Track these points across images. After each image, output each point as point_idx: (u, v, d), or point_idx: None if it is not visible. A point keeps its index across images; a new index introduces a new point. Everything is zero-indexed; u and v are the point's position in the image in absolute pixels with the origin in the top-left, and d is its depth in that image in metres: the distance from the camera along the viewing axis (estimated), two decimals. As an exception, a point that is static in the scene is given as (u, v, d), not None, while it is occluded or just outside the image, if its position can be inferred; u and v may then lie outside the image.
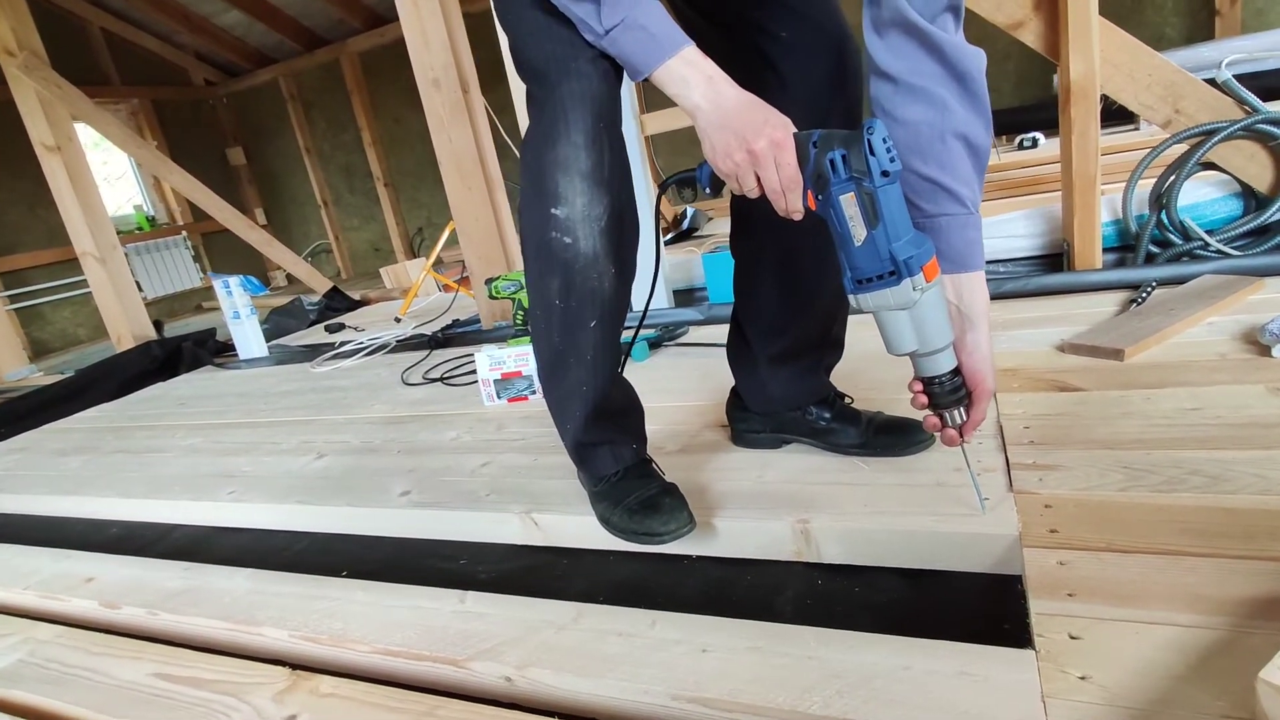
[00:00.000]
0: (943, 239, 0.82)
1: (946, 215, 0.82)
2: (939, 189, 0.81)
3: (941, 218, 0.82)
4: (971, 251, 0.83)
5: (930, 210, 0.82)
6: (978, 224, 0.83)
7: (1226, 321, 1.35)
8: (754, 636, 0.77)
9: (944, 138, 0.79)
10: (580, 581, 1.00)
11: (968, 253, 0.83)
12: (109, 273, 3.18)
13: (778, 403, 1.13)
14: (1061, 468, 0.95)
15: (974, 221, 0.83)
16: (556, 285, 0.91)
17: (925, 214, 0.82)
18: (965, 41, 0.79)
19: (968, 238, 0.83)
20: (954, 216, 0.82)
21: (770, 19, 0.94)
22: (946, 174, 0.80)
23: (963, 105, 0.79)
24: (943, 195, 0.81)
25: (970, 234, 0.83)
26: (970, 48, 0.79)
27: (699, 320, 2.07)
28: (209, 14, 5.46)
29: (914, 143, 0.80)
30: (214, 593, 1.09)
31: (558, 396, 0.99)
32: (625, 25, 0.78)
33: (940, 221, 0.82)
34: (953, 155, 0.80)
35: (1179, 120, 1.73)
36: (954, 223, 0.82)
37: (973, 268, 0.83)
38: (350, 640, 0.89)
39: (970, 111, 0.79)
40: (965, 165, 0.81)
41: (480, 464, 1.34)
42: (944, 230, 0.82)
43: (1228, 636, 0.63)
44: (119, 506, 1.56)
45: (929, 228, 0.82)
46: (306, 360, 2.65)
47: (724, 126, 0.78)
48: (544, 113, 0.87)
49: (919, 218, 0.82)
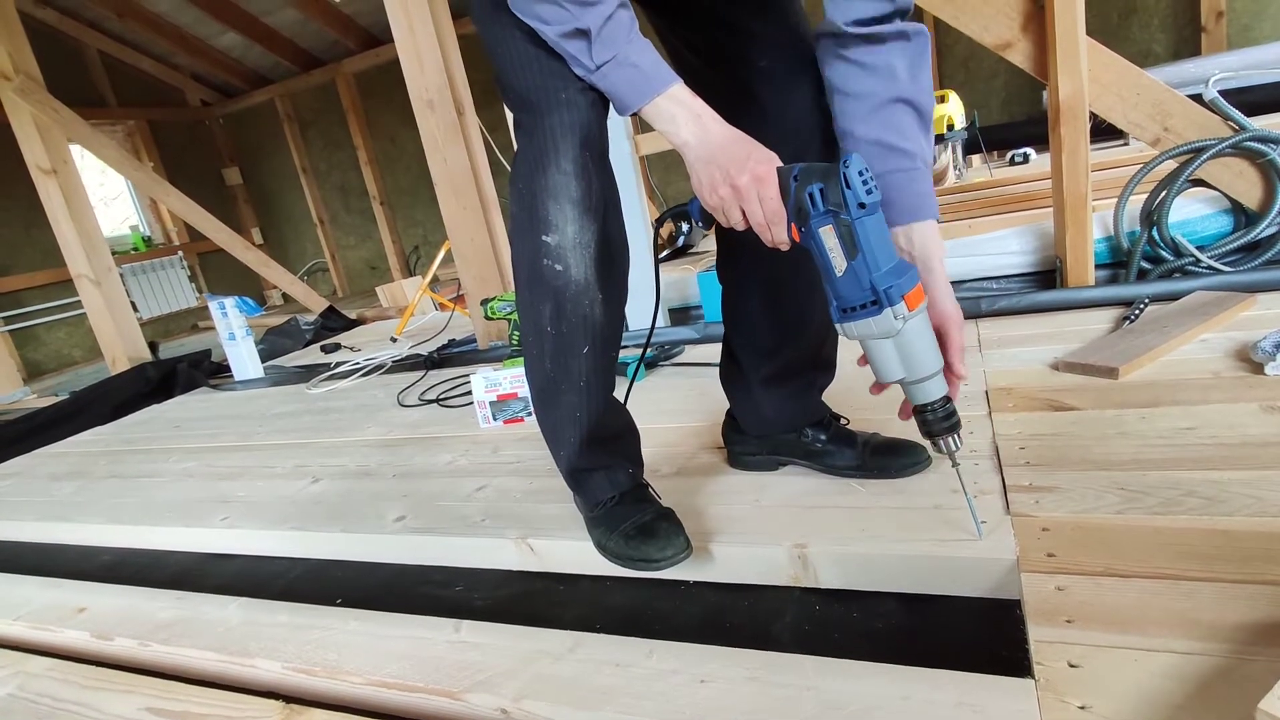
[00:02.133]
0: (893, 192, 0.85)
1: (896, 171, 0.85)
2: (886, 149, 0.84)
3: (890, 174, 0.85)
4: (922, 202, 0.86)
5: (879, 169, 0.84)
6: (926, 176, 0.86)
7: (1219, 339, 1.35)
8: (752, 666, 0.77)
9: (890, 103, 0.83)
10: (577, 608, 0.99)
11: (918, 204, 0.85)
12: (104, 295, 3.18)
13: (772, 425, 1.13)
14: (1058, 489, 0.95)
15: (922, 175, 0.85)
16: (548, 312, 0.91)
17: (876, 173, 0.84)
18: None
19: (917, 189, 0.85)
20: (903, 171, 0.85)
21: (748, 48, 0.95)
22: (891, 134, 0.84)
23: (908, 70, 0.83)
24: (890, 154, 0.84)
25: (919, 186, 0.85)
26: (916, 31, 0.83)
27: (695, 339, 2.07)
28: (206, 36, 5.49)
29: (860, 110, 0.85)
30: (207, 623, 1.08)
31: (552, 422, 0.99)
32: (616, 62, 0.79)
33: (890, 178, 0.85)
34: (899, 117, 0.83)
35: (1167, 138, 1.74)
36: (902, 177, 0.85)
37: (924, 217, 0.85)
38: (344, 672, 0.88)
39: (912, 82, 0.83)
40: (911, 126, 0.84)
41: (476, 488, 1.33)
42: (893, 185, 0.85)
43: (1226, 664, 0.63)
44: (111, 533, 1.55)
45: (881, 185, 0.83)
46: (302, 381, 2.64)
47: (710, 162, 0.79)
48: (533, 141, 0.88)
49: None
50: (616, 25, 0.78)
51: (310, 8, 5.06)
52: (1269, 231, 1.72)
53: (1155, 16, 3.86)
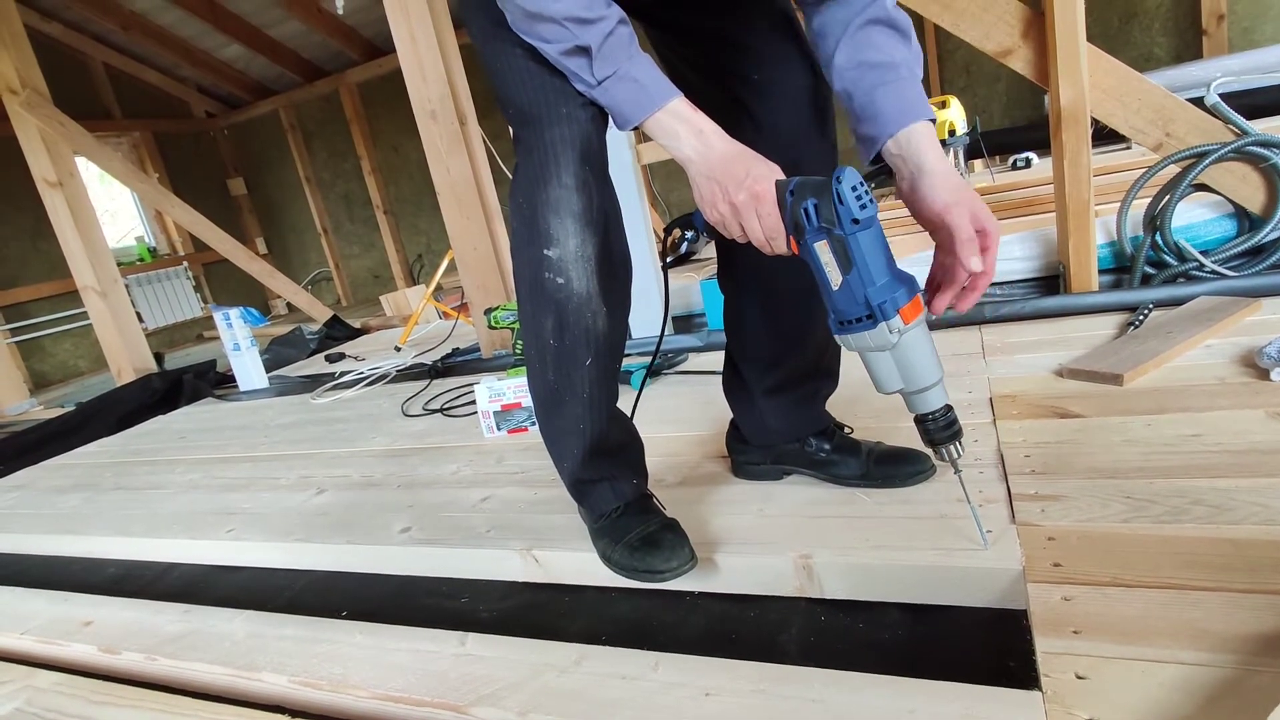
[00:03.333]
0: (878, 105, 0.83)
1: (879, 85, 0.83)
2: (866, 67, 0.84)
3: (874, 89, 0.84)
4: (909, 106, 0.83)
5: (864, 86, 0.84)
6: (912, 83, 0.84)
7: (1224, 344, 1.35)
8: (757, 679, 0.77)
9: (863, 26, 0.83)
10: (582, 619, 0.99)
11: (904, 108, 0.83)
12: (110, 306, 3.19)
13: (776, 435, 1.13)
14: (1064, 498, 0.94)
15: (906, 82, 0.83)
16: (550, 324, 0.91)
17: (861, 92, 0.84)
18: None
19: (902, 95, 0.83)
20: (886, 84, 0.83)
21: (742, 62, 0.96)
22: (869, 52, 0.83)
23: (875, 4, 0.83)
24: (870, 70, 0.83)
25: (905, 92, 0.83)
26: None
27: (698, 347, 2.07)
28: (210, 48, 5.54)
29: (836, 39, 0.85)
30: (213, 636, 1.08)
31: (555, 434, 0.99)
32: (617, 77, 0.79)
33: (874, 93, 0.83)
34: (874, 36, 0.83)
35: (1170, 143, 1.74)
36: (886, 89, 0.83)
37: (911, 120, 0.83)
38: (350, 686, 0.88)
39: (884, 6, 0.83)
40: (888, 40, 0.84)
41: (481, 498, 1.33)
42: (878, 98, 0.83)
43: (1235, 675, 0.63)
44: (118, 546, 1.55)
45: (868, 102, 0.84)
46: (307, 391, 2.65)
47: (710, 177, 0.80)
48: (533, 156, 0.88)
49: (857, 99, 0.84)
50: (617, 41, 0.79)
51: (314, 19, 5.10)
52: (1273, 236, 1.72)
53: (1156, 20, 3.87)
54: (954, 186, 0.81)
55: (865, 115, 0.85)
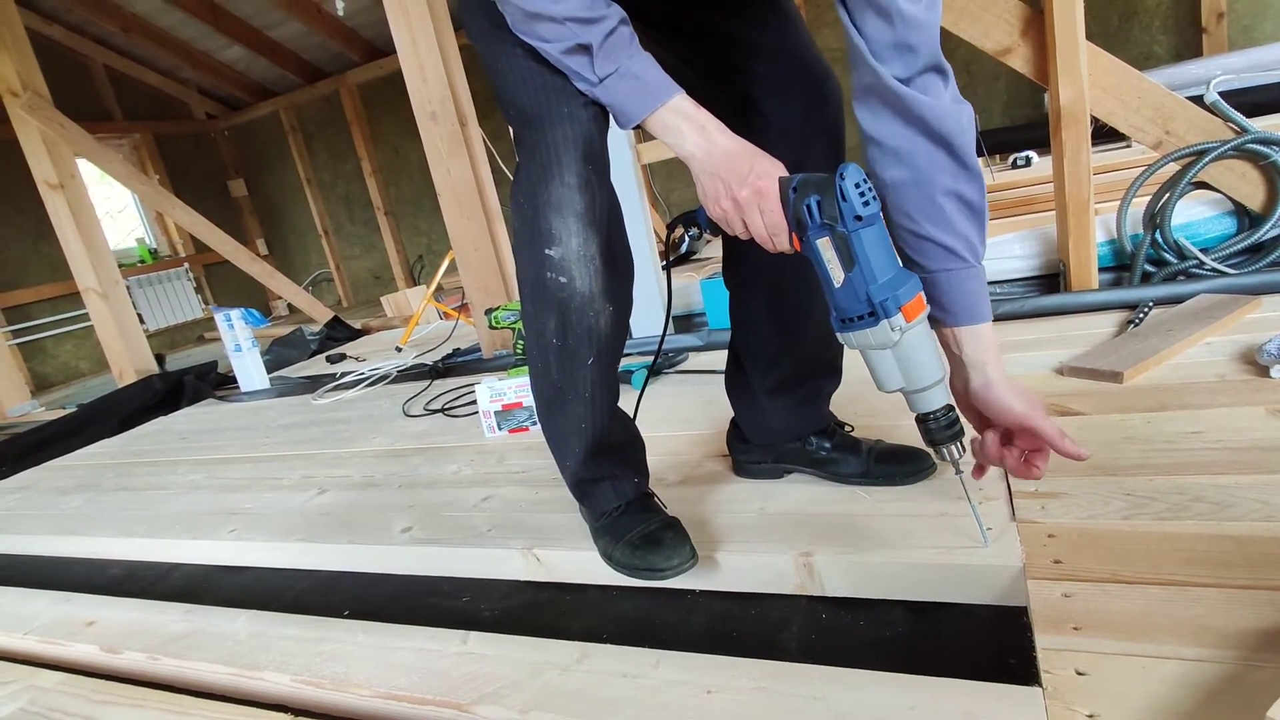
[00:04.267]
0: (943, 292, 0.83)
1: (946, 270, 0.82)
2: (933, 244, 0.82)
3: (941, 273, 0.83)
4: (973, 303, 0.83)
5: (929, 266, 0.83)
6: (979, 275, 0.83)
7: (1224, 342, 1.35)
8: (759, 676, 0.77)
9: (932, 197, 0.80)
10: (584, 618, 0.99)
11: (970, 305, 0.83)
12: (111, 308, 3.20)
13: (777, 434, 1.13)
14: (1064, 495, 0.94)
15: (974, 273, 0.82)
16: (553, 324, 0.92)
17: (925, 269, 0.83)
18: (950, 101, 0.77)
19: (969, 289, 0.82)
20: (953, 271, 0.82)
21: (745, 57, 0.96)
22: (939, 230, 0.81)
23: (948, 166, 0.79)
24: (937, 250, 0.82)
25: (971, 285, 0.82)
26: (954, 107, 0.77)
27: (699, 346, 2.07)
28: (211, 50, 5.54)
29: (902, 203, 0.81)
30: (216, 636, 1.08)
31: (556, 433, 0.99)
32: (619, 75, 0.79)
33: (940, 276, 0.83)
34: (944, 212, 0.80)
35: (1169, 141, 1.74)
36: (953, 276, 0.82)
37: (978, 319, 0.83)
38: (353, 684, 0.89)
39: (958, 171, 0.79)
40: (960, 220, 0.81)
41: (482, 498, 1.34)
42: (944, 284, 0.83)
43: (1235, 671, 0.63)
44: (120, 546, 1.55)
45: (931, 282, 0.83)
46: (308, 392, 2.65)
47: (713, 174, 0.80)
48: (535, 156, 0.88)
49: (921, 274, 0.82)
50: (617, 40, 0.79)
51: (314, 20, 5.10)
52: (1273, 233, 1.72)
53: (1156, 18, 3.86)
54: (1023, 392, 0.83)
55: (926, 292, 0.81)
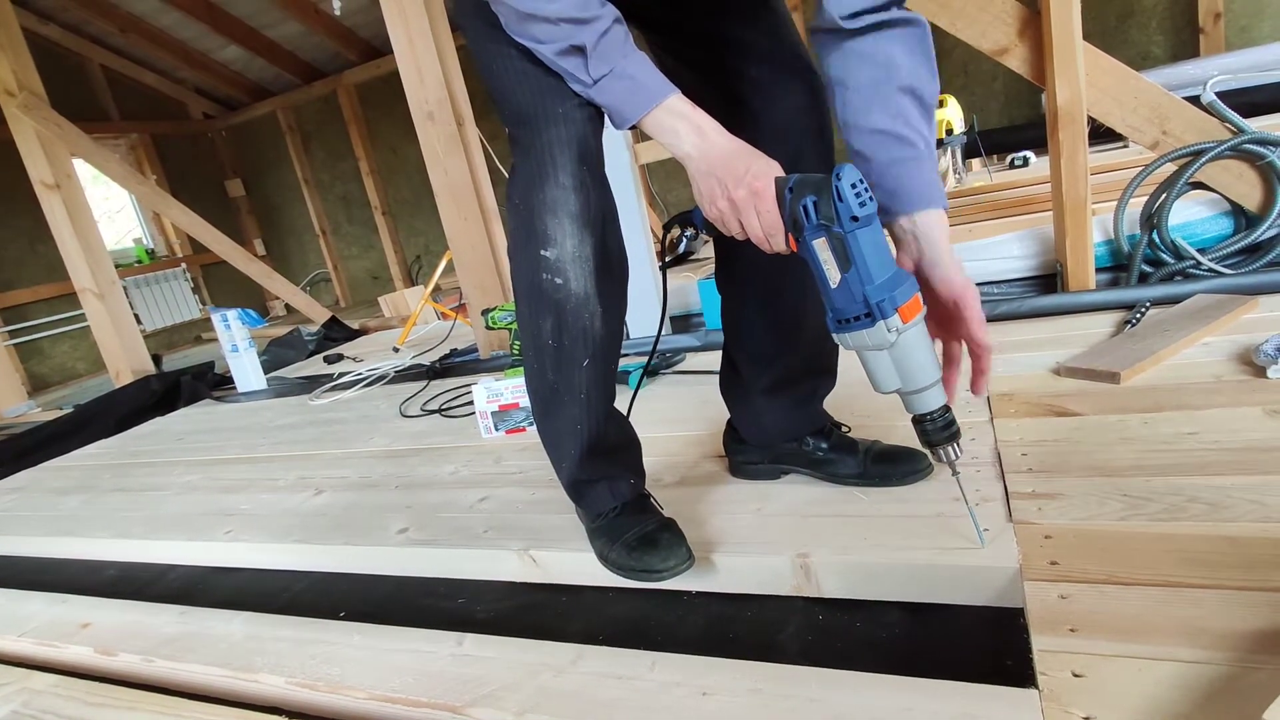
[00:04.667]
0: (898, 181, 0.83)
1: (900, 160, 0.83)
2: (890, 137, 0.83)
3: (895, 163, 0.83)
4: (929, 191, 0.84)
5: (884, 158, 0.83)
6: (933, 165, 0.85)
7: (1221, 342, 1.35)
8: (755, 678, 0.76)
9: (890, 96, 0.81)
10: (580, 620, 0.99)
11: (925, 192, 0.84)
12: (108, 308, 3.19)
13: (773, 434, 1.13)
14: (1060, 496, 0.94)
15: (927, 162, 0.84)
16: (549, 326, 0.91)
17: (880, 162, 0.83)
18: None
19: (922, 178, 0.83)
20: (907, 160, 0.83)
21: (738, 59, 0.96)
22: (894, 122, 0.82)
23: (907, 64, 0.81)
24: (893, 142, 0.83)
25: (926, 173, 0.83)
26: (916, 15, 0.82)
27: (696, 346, 2.07)
28: (208, 50, 5.53)
29: (860, 101, 0.83)
30: (211, 638, 1.08)
31: (552, 435, 0.99)
32: (614, 75, 0.79)
33: (894, 167, 0.83)
34: (900, 105, 0.82)
35: (1166, 141, 1.74)
36: (909, 165, 0.83)
37: (933, 205, 0.84)
38: (347, 687, 0.88)
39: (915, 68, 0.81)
40: (914, 114, 0.82)
41: (478, 499, 1.33)
42: (898, 174, 0.83)
43: (1232, 672, 0.63)
44: (116, 548, 1.55)
45: (885, 174, 0.83)
46: (305, 392, 2.65)
47: (709, 174, 0.80)
48: (530, 157, 0.88)
49: (875, 166, 0.84)
50: (612, 40, 0.79)
51: (312, 20, 5.09)
52: (1270, 233, 1.72)
53: (1153, 18, 3.87)
54: (963, 273, 0.84)
55: (880, 185, 0.83)
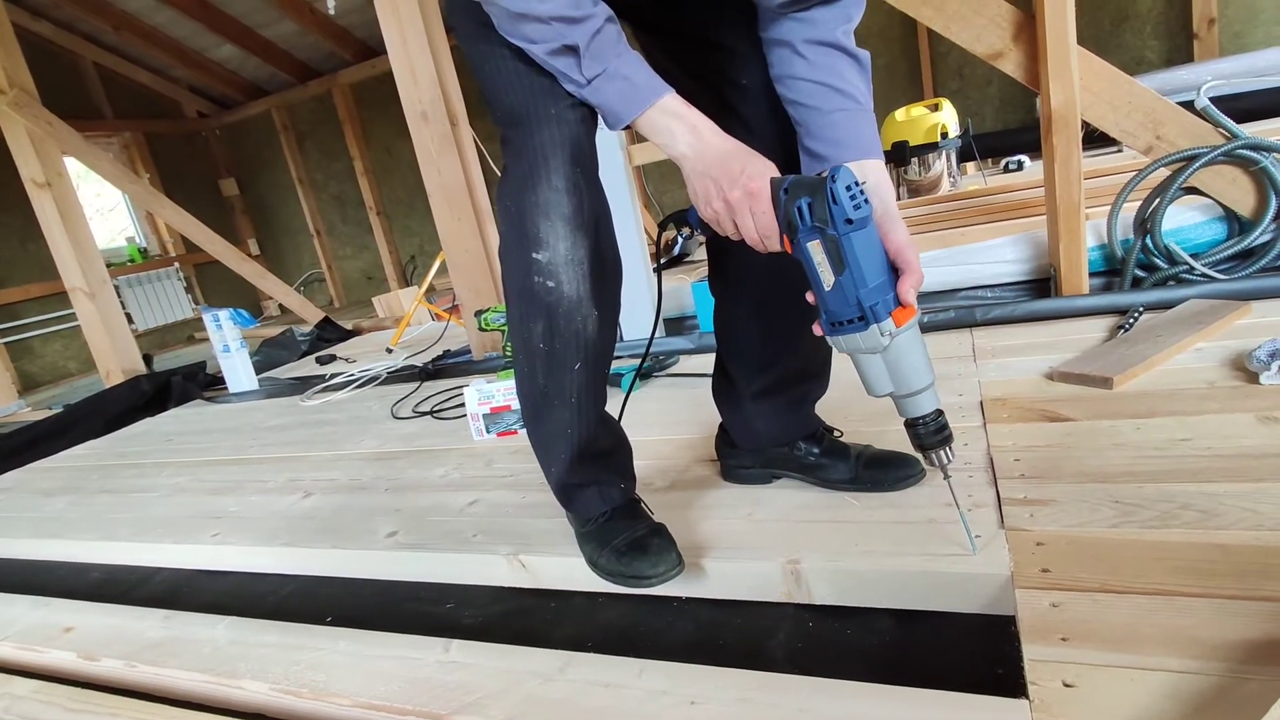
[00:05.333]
0: (838, 129, 0.86)
1: (842, 110, 0.86)
2: (827, 89, 0.86)
3: (838, 112, 0.86)
4: (867, 140, 0.87)
5: (826, 107, 0.86)
6: (871, 120, 0.88)
7: (1214, 347, 1.35)
8: (744, 686, 0.76)
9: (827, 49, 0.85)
10: (568, 625, 0.98)
11: (863, 141, 0.86)
12: (98, 308, 3.16)
13: (765, 439, 1.12)
14: (1053, 503, 0.94)
15: (866, 117, 0.87)
16: (540, 329, 0.90)
17: (823, 111, 0.86)
18: None
19: (862, 128, 0.87)
20: (846, 111, 0.86)
21: (730, 66, 0.95)
22: (831, 76, 0.86)
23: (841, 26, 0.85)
24: (832, 93, 0.86)
25: (864, 124, 0.87)
26: None
27: (690, 349, 2.06)
28: (203, 48, 5.51)
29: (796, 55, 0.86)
30: (194, 643, 1.06)
31: (542, 439, 0.98)
32: (607, 75, 0.78)
33: (836, 116, 0.86)
34: (837, 62, 0.86)
35: (1160, 146, 1.74)
36: (848, 115, 0.86)
37: (870, 155, 0.86)
38: (332, 694, 0.87)
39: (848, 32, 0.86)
40: (851, 71, 0.86)
41: (468, 502, 1.32)
42: (840, 122, 0.86)
43: (1223, 683, 0.62)
44: (102, 550, 1.53)
45: (829, 123, 0.86)
46: (297, 393, 2.63)
47: (705, 174, 0.79)
48: (522, 158, 0.87)
49: (815, 115, 0.87)
50: (605, 40, 0.78)
51: (307, 20, 5.08)
52: (1263, 239, 1.72)
53: (1148, 24, 3.88)
54: (907, 232, 0.84)
55: (821, 135, 0.87)
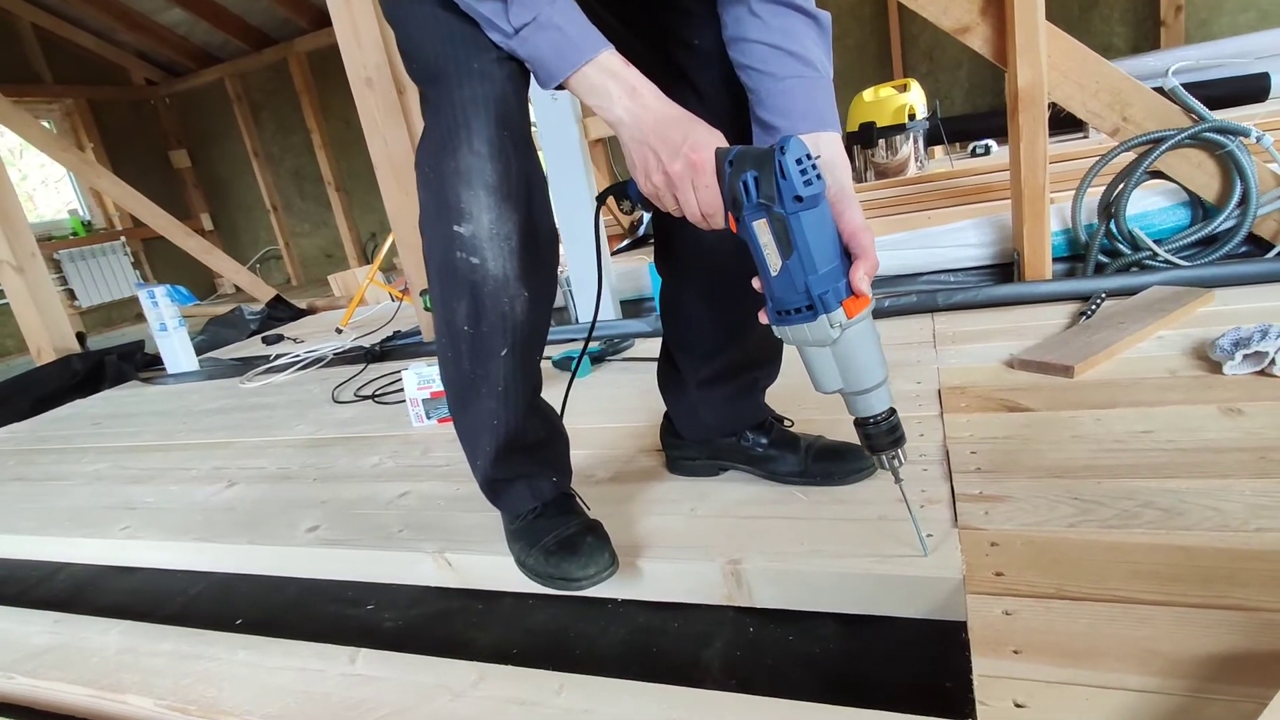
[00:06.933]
0: (794, 99, 0.79)
1: (799, 76, 0.79)
2: (782, 53, 0.79)
3: (794, 79, 0.79)
4: (823, 111, 0.80)
5: (782, 74, 0.79)
6: (829, 90, 0.82)
7: (1176, 336, 1.31)
8: (670, 706, 0.69)
9: (784, 10, 0.79)
10: (494, 630, 0.91)
11: (819, 112, 0.80)
12: (27, 282, 2.98)
13: (711, 429, 1.05)
14: (1009, 499, 0.88)
15: (824, 86, 0.81)
16: (464, 310, 0.82)
17: (777, 77, 0.79)
18: None
19: (818, 98, 0.80)
20: (804, 78, 0.79)
21: (683, 26, 0.87)
22: (787, 40, 0.79)
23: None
24: (787, 58, 0.79)
25: (820, 94, 0.81)
26: None
27: (646, 332, 1.99)
28: (149, 11, 5.23)
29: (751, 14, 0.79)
30: (83, 651, 0.97)
31: (467, 429, 0.90)
32: (537, 24, 0.69)
33: (792, 83, 0.79)
34: (794, 24, 0.79)
35: (1126, 128, 1.70)
36: (804, 82, 0.80)
37: (826, 127, 0.80)
38: (221, 711, 0.79)
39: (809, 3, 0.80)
40: (809, 35, 0.80)
41: (399, 494, 1.24)
42: (796, 90, 0.79)
43: (1185, 703, 0.57)
44: (3, 544, 1.42)
45: (782, 90, 0.79)
46: (238, 375, 2.50)
47: (643, 143, 0.72)
48: (440, 118, 0.78)
49: (769, 82, 0.80)
50: None
51: (258, -17, 4.84)
52: (1227, 225, 1.69)
53: (1115, 10, 3.86)
54: (862, 215, 0.77)
55: (773, 104, 0.79)
